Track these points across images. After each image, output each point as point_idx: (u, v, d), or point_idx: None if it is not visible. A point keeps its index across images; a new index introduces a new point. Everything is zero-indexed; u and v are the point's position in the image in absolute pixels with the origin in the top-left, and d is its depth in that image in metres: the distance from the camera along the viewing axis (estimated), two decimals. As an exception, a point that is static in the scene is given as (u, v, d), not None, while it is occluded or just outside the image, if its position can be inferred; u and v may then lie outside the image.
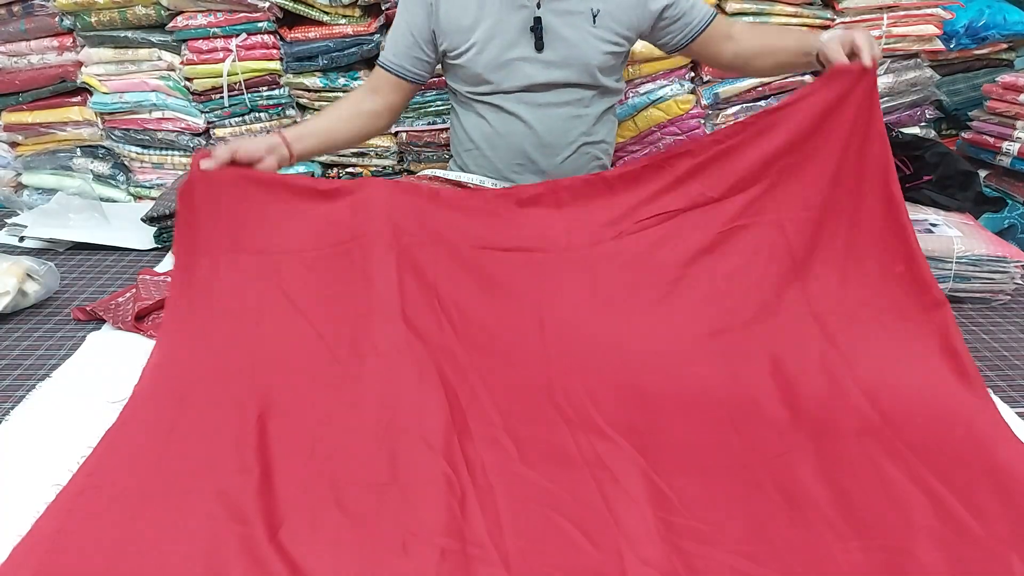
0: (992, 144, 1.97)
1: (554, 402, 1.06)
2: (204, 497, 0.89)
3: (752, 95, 2.01)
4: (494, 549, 0.83)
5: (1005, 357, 1.33)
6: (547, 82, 1.45)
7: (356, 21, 1.89)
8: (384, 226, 1.17)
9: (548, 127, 1.48)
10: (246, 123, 2.01)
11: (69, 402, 1.14)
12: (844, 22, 1.93)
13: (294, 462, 0.95)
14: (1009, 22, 2.01)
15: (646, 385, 1.07)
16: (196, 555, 0.83)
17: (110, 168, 2.08)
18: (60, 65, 1.96)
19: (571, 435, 1.01)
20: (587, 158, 1.55)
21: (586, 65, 1.44)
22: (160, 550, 0.83)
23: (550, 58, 1.43)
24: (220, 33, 1.90)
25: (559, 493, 0.92)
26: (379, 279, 1.13)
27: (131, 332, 1.33)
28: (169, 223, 1.71)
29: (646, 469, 0.95)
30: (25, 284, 1.42)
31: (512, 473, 0.94)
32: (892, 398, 1.03)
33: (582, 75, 1.45)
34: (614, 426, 1.02)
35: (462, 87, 1.50)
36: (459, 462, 0.92)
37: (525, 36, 1.41)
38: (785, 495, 0.93)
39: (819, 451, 0.97)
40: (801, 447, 0.98)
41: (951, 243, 1.48)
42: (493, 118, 1.49)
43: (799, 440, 0.99)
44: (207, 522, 0.86)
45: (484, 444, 0.98)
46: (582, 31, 1.42)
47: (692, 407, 1.04)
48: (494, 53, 1.42)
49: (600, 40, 1.43)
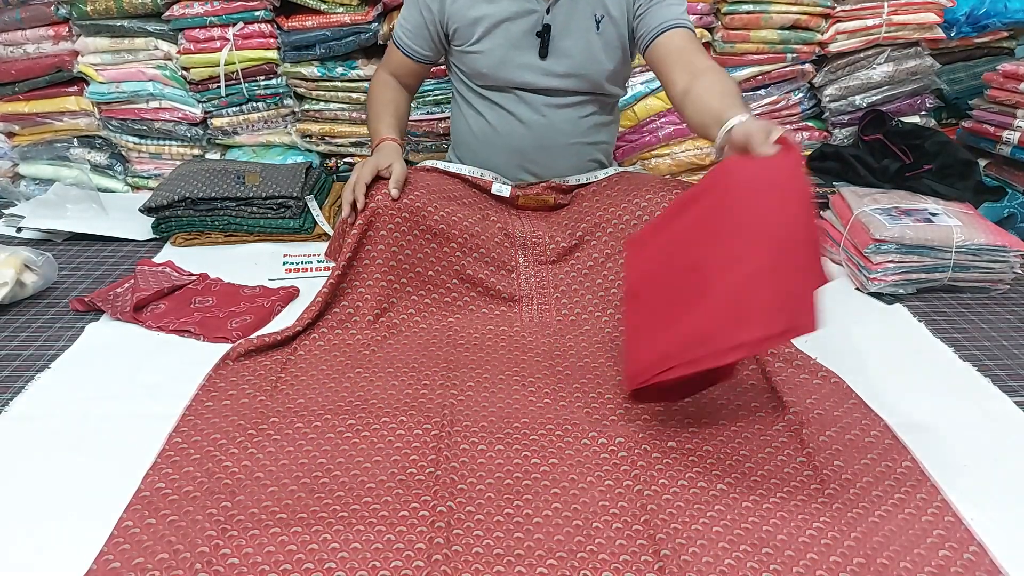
0: (992, 133, 1.97)
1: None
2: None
3: (751, 84, 2.01)
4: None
5: (1004, 347, 1.33)
6: (548, 88, 1.44)
7: (354, 10, 1.88)
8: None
9: (547, 128, 1.47)
10: (243, 113, 2.00)
11: (68, 393, 1.14)
12: (845, 10, 1.93)
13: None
14: (1010, 10, 2.01)
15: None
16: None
17: (107, 158, 2.07)
18: (56, 55, 1.95)
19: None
20: (585, 158, 1.54)
21: (589, 78, 1.43)
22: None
23: (553, 68, 1.42)
24: (217, 22, 1.89)
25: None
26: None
27: (130, 323, 1.33)
28: (167, 213, 1.70)
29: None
30: (23, 275, 1.42)
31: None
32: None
33: (584, 85, 1.45)
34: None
35: (463, 78, 1.50)
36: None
37: (530, 40, 1.40)
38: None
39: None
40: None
41: (950, 232, 1.48)
42: (492, 116, 1.49)
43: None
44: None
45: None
46: (587, 41, 1.40)
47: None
48: (498, 54, 1.41)
49: (604, 48, 1.42)
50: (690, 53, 1.32)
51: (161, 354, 1.25)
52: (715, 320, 0.92)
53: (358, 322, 1.30)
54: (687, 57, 1.31)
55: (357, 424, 1.05)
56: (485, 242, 1.38)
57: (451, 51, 1.49)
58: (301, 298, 1.44)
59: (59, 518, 0.89)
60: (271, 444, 1.00)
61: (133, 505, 0.90)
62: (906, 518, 0.91)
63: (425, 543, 0.85)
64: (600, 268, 1.38)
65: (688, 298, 0.97)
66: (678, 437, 1.04)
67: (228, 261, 1.60)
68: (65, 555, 0.83)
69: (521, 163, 1.50)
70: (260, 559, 0.82)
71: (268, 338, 1.24)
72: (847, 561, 0.84)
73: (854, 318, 1.39)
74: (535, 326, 1.33)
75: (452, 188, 1.43)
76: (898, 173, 1.77)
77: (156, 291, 1.39)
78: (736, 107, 1.13)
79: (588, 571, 0.82)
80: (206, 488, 0.92)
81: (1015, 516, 0.92)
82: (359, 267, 1.33)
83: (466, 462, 0.98)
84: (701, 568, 0.83)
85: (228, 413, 1.07)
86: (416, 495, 0.92)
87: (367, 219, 1.32)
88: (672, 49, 1.33)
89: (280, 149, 2.08)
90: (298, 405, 1.09)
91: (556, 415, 1.08)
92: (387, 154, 1.38)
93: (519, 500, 0.92)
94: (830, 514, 0.91)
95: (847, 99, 2.02)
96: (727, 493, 0.94)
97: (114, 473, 0.95)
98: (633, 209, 1.38)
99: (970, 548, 0.86)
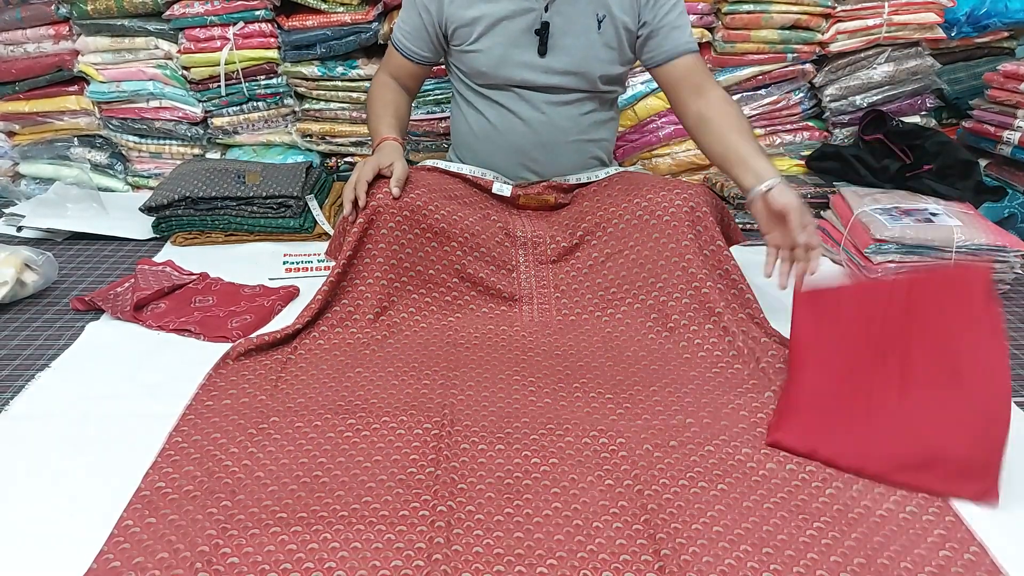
0: (993, 133, 1.96)
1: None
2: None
3: (751, 84, 2.01)
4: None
5: (1004, 346, 1.33)
6: (548, 85, 1.44)
7: (354, 9, 1.88)
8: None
9: (547, 126, 1.47)
10: (244, 112, 2.00)
11: (68, 392, 1.14)
12: (845, 10, 1.93)
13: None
14: (1010, 10, 2.01)
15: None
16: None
17: (108, 157, 2.07)
18: (56, 54, 1.95)
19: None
20: (586, 156, 1.54)
21: (588, 75, 1.43)
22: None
23: (552, 65, 1.42)
24: (217, 21, 1.89)
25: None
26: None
27: (130, 322, 1.33)
28: (167, 212, 1.70)
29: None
30: (23, 274, 1.42)
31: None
32: None
33: (584, 83, 1.45)
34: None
35: (463, 77, 1.50)
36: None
37: (529, 37, 1.40)
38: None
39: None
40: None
41: (951, 232, 1.48)
42: (492, 115, 1.49)
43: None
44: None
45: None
46: (587, 39, 1.40)
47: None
48: (497, 52, 1.41)
49: (605, 48, 1.42)
50: (698, 76, 1.43)
51: (161, 353, 1.25)
52: (928, 470, 0.96)
53: (358, 320, 1.30)
54: (696, 80, 1.42)
55: (357, 423, 1.05)
56: (486, 241, 1.38)
57: (450, 51, 1.49)
58: (301, 297, 1.44)
59: (59, 517, 0.89)
60: (271, 443, 1.00)
61: (133, 504, 0.90)
62: (907, 518, 0.91)
63: (425, 543, 0.85)
64: (600, 268, 1.38)
65: (882, 407, 1.03)
66: (679, 437, 1.03)
67: (228, 260, 1.60)
68: (65, 554, 0.83)
69: (522, 161, 1.50)
70: (260, 558, 0.82)
71: (268, 336, 1.24)
72: (847, 561, 0.84)
73: (854, 318, 1.38)
74: (535, 325, 1.33)
75: (453, 187, 1.43)
76: (898, 173, 1.77)
77: (156, 290, 1.40)
78: (762, 157, 1.30)
79: (588, 571, 0.82)
80: (206, 487, 0.92)
81: (1015, 516, 0.92)
82: (359, 265, 1.33)
83: (466, 462, 0.98)
84: (701, 568, 0.83)
85: (228, 412, 1.07)
86: (416, 495, 0.92)
87: (368, 217, 1.32)
88: (683, 74, 1.43)
89: (280, 148, 2.08)
90: (298, 404, 1.09)
91: (556, 415, 1.08)
92: (388, 153, 1.38)
93: (519, 500, 0.92)
94: (830, 514, 0.91)
95: (847, 99, 2.02)
96: (727, 493, 0.94)
97: (114, 472, 0.95)
98: (634, 209, 1.37)
99: (971, 548, 0.86)
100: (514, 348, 1.26)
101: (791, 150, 2.05)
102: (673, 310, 1.30)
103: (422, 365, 1.20)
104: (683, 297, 1.31)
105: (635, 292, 1.34)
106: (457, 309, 1.36)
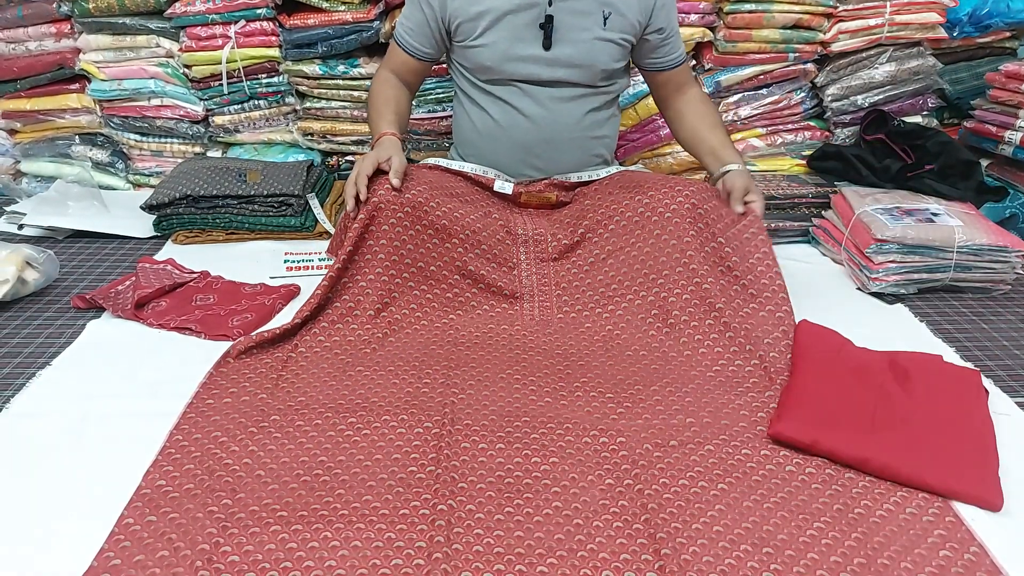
0: (994, 133, 1.96)
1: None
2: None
3: (753, 83, 2.00)
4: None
5: (1005, 347, 1.33)
6: (552, 79, 1.44)
7: (355, 8, 1.88)
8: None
9: (550, 122, 1.47)
10: (245, 111, 2.00)
11: (69, 390, 1.14)
12: (847, 9, 1.92)
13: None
14: (1013, 10, 2.00)
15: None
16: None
17: (109, 156, 2.07)
18: (58, 52, 1.95)
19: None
20: (589, 152, 1.54)
21: (593, 68, 1.44)
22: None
23: (557, 58, 1.42)
24: (219, 20, 1.89)
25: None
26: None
27: (131, 320, 1.33)
28: (168, 211, 1.70)
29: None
30: (24, 272, 1.42)
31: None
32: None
33: (588, 77, 1.45)
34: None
35: (466, 74, 1.50)
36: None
37: (534, 32, 1.40)
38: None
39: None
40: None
41: (952, 232, 1.48)
42: (495, 111, 1.49)
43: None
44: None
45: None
46: (592, 33, 1.41)
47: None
48: (502, 47, 1.41)
49: (610, 43, 1.43)
50: (684, 76, 1.59)
51: (162, 352, 1.25)
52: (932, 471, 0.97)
53: (359, 317, 1.30)
54: (681, 80, 1.59)
55: (358, 422, 1.05)
56: (487, 239, 1.38)
57: (453, 48, 1.49)
58: (302, 296, 1.44)
59: (60, 515, 0.89)
60: (272, 442, 1.00)
61: (134, 502, 0.90)
62: (907, 518, 0.91)
63: (426, 541, 0.85)
64: (601, 265, 1.38)
65: (886, 401, 1.09)
66: (679, 436, 1.03)
67: (229, 259, 1.60)
68: (66, 552, 0.83)
69: (525, 158, 1.51)
70: (261, 556, 0.82)
71: (268, 333, 1.24)
72: (847, 561, 0.84)
73: (855, 318, 1.39)
74: (536, 323, 1.34)
75: (454, 185, 1.43)
76: (900, 173, 1.77)
77: (157, 289, 1.40)
78: (727, 148, 1.51)
79: (588, 570, 0.82)
80: (207, 485, 0.92)
81: (1015, 516, 0.92)
82: (360, 262, 1.33)
83: (467, 460, 0.98)
84: (701, 568, 0.83)
85: (229, 411, 1.07)
86: (417, 493, 0.92)
87: (369, 214, 1.32)
88: (673, 75, 1.57)
89: (282, 147, 2.08)
90: (299, 403, 1.09)
91: (557, 413, 1.08)
92: (386, 147, 1.38)
93: (519, 499, 0.92)
94: (830, 514, 0.91)
95: (849, 99, 2.02)
96: (727, 493, 0.94)
97: (115, 470, 0.95)
98: (635, 206, 1.38)
99: (971, 548, 0.86)
100: (515, 347, 1.26)
101: (792, 150, 2.05)
102: (674, 306, 1.30)
103: (423, 364, 1.20)
104: (684, 293, 1.31)
105: (636, 288, 1.35)
106: (458, 306, 1.36)
